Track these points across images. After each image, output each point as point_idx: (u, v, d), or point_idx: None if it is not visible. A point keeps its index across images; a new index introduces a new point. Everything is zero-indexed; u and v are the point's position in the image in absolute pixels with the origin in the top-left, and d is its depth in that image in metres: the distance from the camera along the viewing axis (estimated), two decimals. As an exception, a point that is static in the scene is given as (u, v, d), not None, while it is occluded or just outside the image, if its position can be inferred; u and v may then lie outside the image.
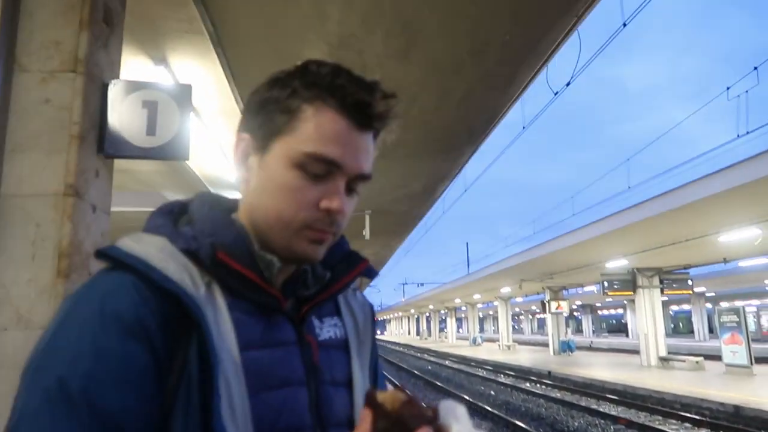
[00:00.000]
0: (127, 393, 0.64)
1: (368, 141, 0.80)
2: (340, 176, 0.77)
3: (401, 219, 12.90)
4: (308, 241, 0.78)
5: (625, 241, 16.01)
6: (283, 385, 0.75)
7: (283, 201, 0.76)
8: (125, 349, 0.65)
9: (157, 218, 0.81)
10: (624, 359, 25.67)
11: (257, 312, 0.77)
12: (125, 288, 0.68)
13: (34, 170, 2.48)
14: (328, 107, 0.75)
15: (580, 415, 12.75)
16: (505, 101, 6.42)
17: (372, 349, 0.97)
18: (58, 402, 0.61)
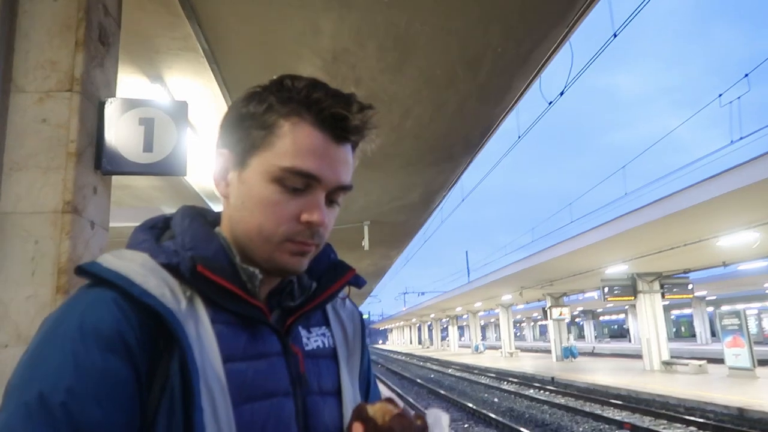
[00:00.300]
0: (108, 407, 0.64)
1: (346, 153, 0.80)
2: (319, 189, 0.77)
3: (400, 229, 12.92)
4: (290, 254, 0.78)
5: (624, 247, 16.02)
6: (267, 396, 0.75)
7: (262, 215, 0.77)
8: (105, 363, 0.65)
9: (139, 234, 0.82)
10: (627, 364, 25.58)
11: (241, 324, 0.77)
12: (105, 304, 0.69)
13: (32, 188, 2.52)
14: (305, 122, 0.76)
15: (584, 420, 12.71)
16: (500, 112, 6.47)
17: (362, 358, 0.97)
18: (38, 417, 0.61)
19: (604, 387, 17.27)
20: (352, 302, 1.03)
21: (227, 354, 0.74)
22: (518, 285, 26.94)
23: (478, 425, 13.08)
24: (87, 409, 0.63)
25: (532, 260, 21.20)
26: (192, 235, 0.80)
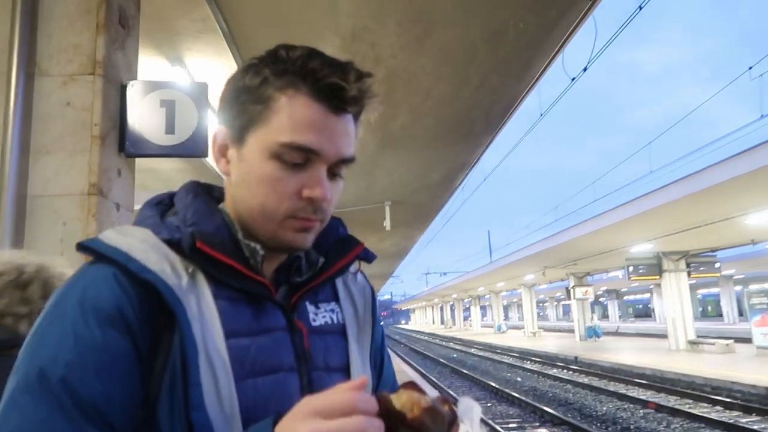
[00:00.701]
0: (108, 381, 0.65)
1: (346, 123, 0.78)
2: (319, 163, 0.75)
3: (421, 209, 12.88)
4: (294, 231, 0.77)
5: (650, 226, 15.77)
6: (271, 372, 0.75)
7: (264, 193, 0.76)
8: (105, 338, 0.66)
9: (145, 210, 0.82)
10: (652, 344, 25.36)
11: (244, 300, 0.77)
12: (105, 279, 0.69)
13: (59, 171, 2.56)
14: (301, 94, 0.74)
15: (608, 399, 12.68)
16: (522, 89, 6.36)
17: (373, 334, 0.95)
18: (39, 392, 0.63)
19: (629, 366, 17.17)
20: (365, 276, 1.01)
21: (230, 329, 0.73)
22: (541, 265, 26.77)
23: (500, 404, 13.14)
24: (87, 383, 0.64)
25: (555, 239, 21.02)
26: (194, 210, 0.79)
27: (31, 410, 0.62)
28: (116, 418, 0.65)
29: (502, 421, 10.92)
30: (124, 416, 0.66)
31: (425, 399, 0.63)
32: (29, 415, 0.62)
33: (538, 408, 11.54)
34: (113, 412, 0.65)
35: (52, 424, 0.61)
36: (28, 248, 2.51)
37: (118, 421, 0.66)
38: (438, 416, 0.62)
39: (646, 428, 9.65)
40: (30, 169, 2.56)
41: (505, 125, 7.60)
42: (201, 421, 0.66)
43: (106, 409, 0.64)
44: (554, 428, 9.97)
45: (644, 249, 19.61)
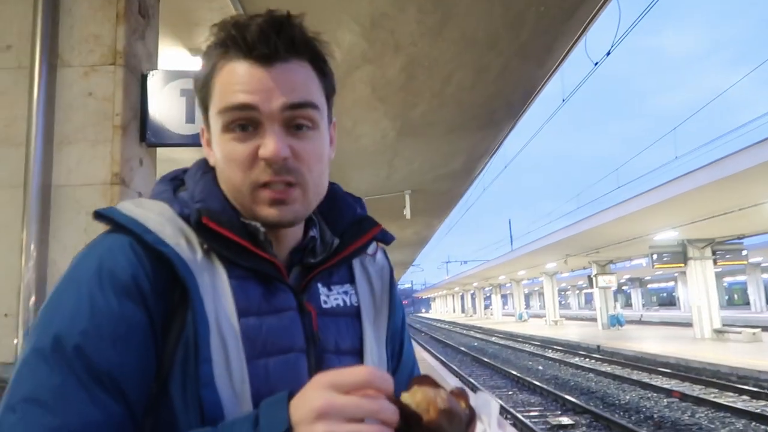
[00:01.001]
0: (122, 350, 0.65)
1: (286, 71, 0.74)
2: (267, 121, 0.73)
3: (442, 197, 12.82)
4: (267, 204, 0.75)
5: (675, 213, 15.50)
6: (282, 352, 0.74)
7: (229, 169, 0.75)
8: (121, 308, 0.66)
9: (159, 185, 0.82)
10: (676, 332, 25.04)
11: (255, 279, 0.76)
12: (122, 249, 0.69)
13: (82, 161, 2.59)
14: (229, 60, 0.74)
15: (631, 388, 12.57)
16: (543, 74, 6.26)
17: (391, 316, 0.92)
18: (52, 359, 0.63)
19: (652, 355, 16.98)
20: (385, 255, 0.98)
21: (242, 308, 0.73)
22: (563, 253, 26.53)
23: (522, 392, 13.10)
24: (101, 351, 0.64)
25: (577, 227, 20.80)
26: (202, 187, 0.79)
27: (45, 376, 0.62)
28: (130, 388, 0.65)
29: (523, 409, 10.90)
30: (138, 387, 0.66)
31: (441, 397, 0.60)
32: (43, 382, 0.62)
33: (560, 396, 11.48)
34: (128, 381, 0.65)
35: (66, 392, 0.62)
36: (52, 238, 2.55)
37: (133, 391, 0.65)
38: (455, 417, 0.59)
39: (670, 417, 9.55)
40: (54, 159, 2.59)
41: (526, 111, 7.50)
42: (211, 398, 0.66)
43: (120, 379, 0.64)
44: (576, 417, 9.91)
45: (669, 236, 19.30)
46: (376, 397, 0.57)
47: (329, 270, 0.84)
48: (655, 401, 11.01)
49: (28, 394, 0.62)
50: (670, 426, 9.03)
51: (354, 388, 0.57)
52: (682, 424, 9.08)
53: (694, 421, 9.22)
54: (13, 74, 2.66)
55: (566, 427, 9.22)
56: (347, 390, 0.57)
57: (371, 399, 0.57)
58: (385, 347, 0.89)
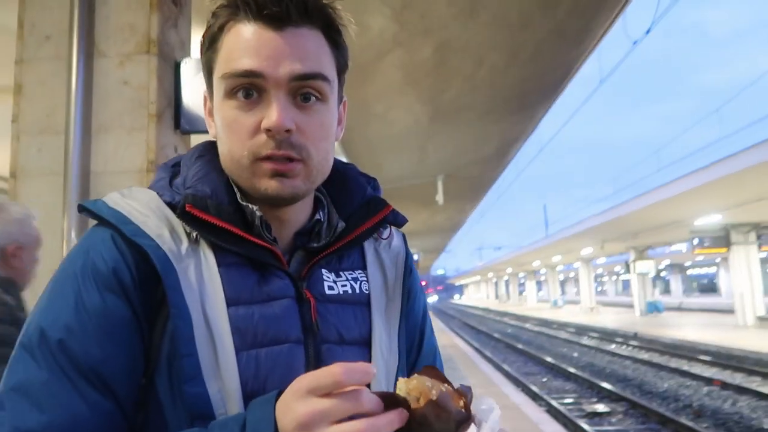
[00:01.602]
0: (107, 345, 0.64)
1: (296, 38, 0.70)
2: (273, 88, 0.69)
3: (475, 183, 12.72)
4: (267, 176, 0.70)
5: (718, 195, 15.02)
6: (276, 342, 0.70)
7: (229, 138, 0.71)
8: (104, 302, 0.65)
9: (159, 172, 0.80)
10: (717, 319, 24.40)
11: (250, 266, 0.72)
12: (104, 242, 0.68)
13: (118, 148, 2.65)
14: (238, 22, 0.70)
15: (669, 376, 12.32)
16: (579, 54, 6.11)
17: (405, 305, 0.85)
18: (38, 353, 0.63)
19: (692, 343, 16.59)
20: (404, 240, 0.92)
21: (232, 297, 0.69)
22: (599, 238, 26.05)
23: (556, 379, 12.99)
24: (86, 347, 0.63)
25: (615, 212, 20.37)
26: (195, 171, 0.75)
27: (32, 370, 0.62)
28: (118, 383, 0.64)
29: (557, 396, 10.80)
30: (126, 382, 0.65)
31: (437, 390, 0.57)
32: (31, 376, 0.62)
33: (595, 384, 11.33)
34: (114, 377, 0.64)
35: (53, 387, 0.61)
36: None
37: (120, 386, 0.65)
38: (444, 412, 0.56)
39: (710, 406, 9.33)
40: (92, 146, 2.65)
41: (561, 94, 7.35)
42: (196, 393, 0.64)
43: (106, 374, 0.64)
44: (612, 404, 9.78)
45: (711, 220, 18.74)
46: (356, 391, 0.55)
47: (338, 254, 0.80)
48: (694, 389, 10.77)
49: (15, 385, 0.62)
50: (710, 415, 8.83)
51: (333, 389, 0.55)
52: (722, 413, 8.86)
53: (735, 410, 8.99)
54: (52, 64, 2.73)
55: (602, 415, 9.11)
56: (326, 392, 0.55)
57: (351, 395, 0.55)
58: (398, 338, 0.83)
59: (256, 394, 0.65)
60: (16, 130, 2.71)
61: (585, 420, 8.69)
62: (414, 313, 0.90)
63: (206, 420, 0.64)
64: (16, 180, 2.68)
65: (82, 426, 0.61)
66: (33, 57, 2.75)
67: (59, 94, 2.65)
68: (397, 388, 0.58)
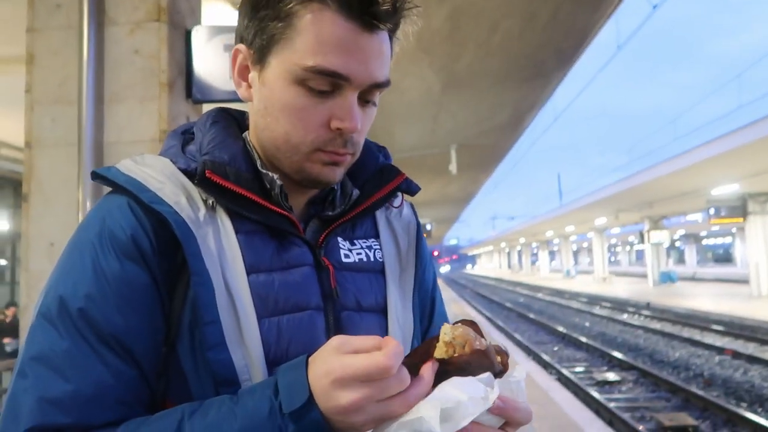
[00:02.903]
0: (128, 312, 0.63)
1: (380, 42, 0.69)
2: (349, 90, 0.68)
3: (488, 152, 12.61)
4: (322, 164, 0.71)
5: (736, 164, 14.78)
6: (297, 309, 0.70)
7: (288, 122, 0.69)
8: (123, 269, 0.64)
9: (169, 139, 0.78)
10: (731, 289, 24.29)
11: (267, 234, 0.72)
12: (121, 210, 0.67)
13: (131, 118, 2.65)
14: (328, 9, 0.65)
15: (681, 346, 12.35)
16: (597, 19, 5.96)
17: (417, 273, 0.86)
18: (59, 322, 0.62)
19: (705, 313, 16.57)
20: (413, 209, 0.93)
21: (251, 265, 0.69)
22: (614, 208, 25.84)
23: (567, 348, 13.07)
24: (107, 315, 0.63)
25: (630, 181, 20.16)
26: (211, 138, 0.74)
27: (53, 340, 0.61)
28: (140, 350, 0.64)
29: (568, 364, 10.89)
30: (147, 349, 0.65)
31: (480, 341, 0.59)
32: (52, 345, 0.61)
33: (606, 353, 11.39)
34: (136, 344, 0.64)
35: (75, 355, 0.61)
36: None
37: (143, 354, 0.65)
38: (486, 362, 0.59)
39: (721, 375, 9.36)
40: (105, 116, 2.66)
41: (577, 60, 7.20)
42: (221, 359, 0.64)
43: (128, 341, 0.63)
44: (623, 373, 9.84)
45: (728, 190, 18.48)
46: (400, 374, 0.56)
47: (351, 223, 0.80)
48: (705, 359, 10.79)
49: (37, 354, 0.61)
50: (720, 384, 8.86)
51: (383, 377, 0.55)
52: (733, 382, 8.89)
53: (746, 379, 9.01)
54: (63, 33, 2.71)
55: (612, 383, 9.18)
56: (373, 380, 0.56)
57: (396, 379, 0.56)
58: (412, 306, 0.84)
59: (280, 360, 0.65)
60: (29, 100, 2.72)
61: (595, 388, 8.77)
62: (425, 281, 0.91)
63: (231, 386, 0.64)
64: (31, 150, 2.70)
65: (106, 394, 0.61)
66: (44, 26, 2.74)
67: (71, 63, 2.65)
68: (442, 332, 0.60)
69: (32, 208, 2.68)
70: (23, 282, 2.70)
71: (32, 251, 2.67)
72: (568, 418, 5.60)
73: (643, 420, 7.13)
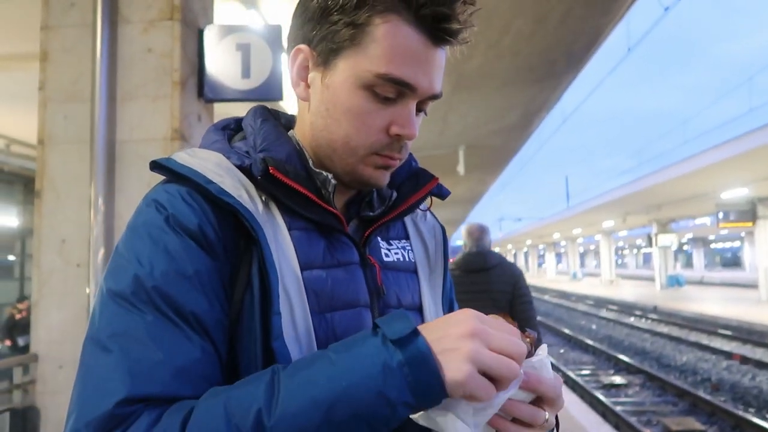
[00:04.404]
0: (205, 294, 0.63)
1: (442, 57, 0.72)
2: (411, 98, 0.71)
3: (496, 153, 12.58)
4: (374, 167, 0.74)
5: (747, 168, 14.67)
6: (347, 306, 0.73)
7: (350, 126, 0.71)
8: (195, 254, 0.64)
9: (211, 134, 0.79)
10: (740, 294, 24.11)
11: (317, 231, 0.74)
12: (184, 199, 0.67)
13: (143, 117, 2.66)
14: (403, 21, 0.67)
15: (688, 350, 12.27)
16: (608, 20, 5.93)
17: (444, 276, 0.91)
18: (136, 299, 0.61)
19: (713, 317, 16.45)
20: (434, 216, 0.95)
21: (305, 261, 0.71)
22: (622, 210, 25.73)
23: (573, 350, 13.02)
24: (184, 292, 0.62)
25: (639, 184, 20.06)
26: (264, 135, 0.75)
27: (135, 316, 0.60)
28: (215, 333, 0.64)
29: (575, 367, 10.85)
30: (220, 333, 0.65)
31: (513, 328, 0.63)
32: (134, 320, 0.60)
33: (613, 356, 11.34)
34: (212, 326, 0.64)
35: (158, 329, 0.60)
36: (118, 192, 2.66)
37: (217, 336, 0.64)
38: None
39: (728, 380, 9.29)
40: (117, 114, 2.67)
41: (587, 62, 7.17)
42: (282, 350, 0.64)
43: (206, 321, 0.63)
44: (630, 376, 9.79)
45: (738, 194, 18.35)
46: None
47: (387, 224, 0.83)
48: (713, 363, 10.72)
49: (119, 330, 0.60)
50: (728, 389, 8.80)
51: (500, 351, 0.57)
52: (741, 387, 8.83)
53: (754, 384, 8.94)
54: (77, 31, 2.73)
55: (619, 387, 9.13)
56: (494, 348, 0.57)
57: (512, 337, 0.59)
58: (441, 308, 0.88)
59: None
60: (43, 97, 2.74)
61: (602, 391, 8.73)
62: (448, 281, 0.94)
63: None
64: (44, 147, 2.72)
65: (194, 367, 0.60)
66: (58, 23, 2.76)
67: (85, 61, 2.66)
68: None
69: (44, 205, 2.70)
70: (35, 278, 2.71)
71: (44, 247, 2.68)
72: (575, 421, 5.57)
73: (650, 424, 7.09)
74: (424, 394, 0.54)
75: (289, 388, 0.55)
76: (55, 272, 2.68)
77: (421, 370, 0.54)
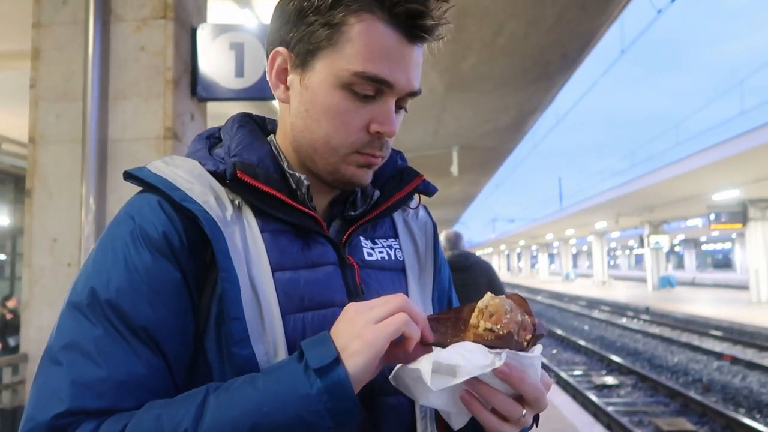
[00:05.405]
0: (159, 306, 0.65)
1: (419, 54, 0.73)
2: (390, 96, 0.71)
3: (490, 154, 12.60)
4: (356, 166, 0.75)
5: (738, 170, 14.78)
6: (320, 306, 0.73)
7: (330, 125, 0.72)
8: (155, 264, 0.66)
9: (195, 144, 0.81)
10: (731, 295, 24.28)
11: (293, 233, 0.75)
12: (151, 207, 0.69)
13: (136, 115, 2.64)
14: (377, 19, 0.69)
15: (680, 350, 12.34)
16: (601, 22, 5.96)
17: (436, 274, 0.90)
18: (90, 312, 0.64)
19: (704, 318, 16.55)
20: (427, 211, 0.96)
21: (277, 262, 0.72)
22: (614, 212, 25.85)
23: (566, 351, 13.07)
24: (138, 307, 0.64)
25: (631, 185, 20.16)
26: (238, 140, 0.77)
27: (86, 328, 0.63)
28: (168, 344, 0.66)
29: (567, 368, 10.89)
30: (176, 344, 0.66)
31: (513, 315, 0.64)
32: (85, 333, 0.63)
33: (605, 357, 11.39)
34: (165, 338, 0.65)
35: (107, 344, 0.63)
36: (110, 191, 2.64)
37: (171, 348, 0.66)
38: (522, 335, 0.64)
39: (719, 381, 9.35)
40: (109, 113, 2.65)
41: (581, 64, 7.20)
42: (245, 355, 0.66)
43: (158, 334, 0.65)
44: (621, 377, 9.84)
45: (729, 196, 18.48)
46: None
47: (372, 223, 0.83)
48: (704, 364, 10.79)
49: (69, 343, 0.63)
50: (719, 389, 8.86)
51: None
52: (732, 387, 8.89)
53: (744, 385, 9.01)
54: (69, 29, 2.71)
55: (610, 387, 9.17)
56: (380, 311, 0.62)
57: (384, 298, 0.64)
58: (432, 306, 0.87)
59: None
60: (34, 95, 2.71)
61: (593, 392, 8.77)
62: (442, 281, 0.93)
63: None
64: (35, 146, 2.70)
65: (137, 382, 0.63)
66: (50, 21, 2.74)
67: (77, 60, 2.65)
68: (481, 300, 0.66)
69: (35, 204, 2.68)
70: (25, 277, 2.69)
71: (35, 247, 2.66)
72: (567, 422, 5.59)
73: (642, 424, 7.13)
74: (343, 418, 0.60)
75: (215, 410, 0.58)
76: (46, 271, 2.66)
77: (338, 398, 0.59)
